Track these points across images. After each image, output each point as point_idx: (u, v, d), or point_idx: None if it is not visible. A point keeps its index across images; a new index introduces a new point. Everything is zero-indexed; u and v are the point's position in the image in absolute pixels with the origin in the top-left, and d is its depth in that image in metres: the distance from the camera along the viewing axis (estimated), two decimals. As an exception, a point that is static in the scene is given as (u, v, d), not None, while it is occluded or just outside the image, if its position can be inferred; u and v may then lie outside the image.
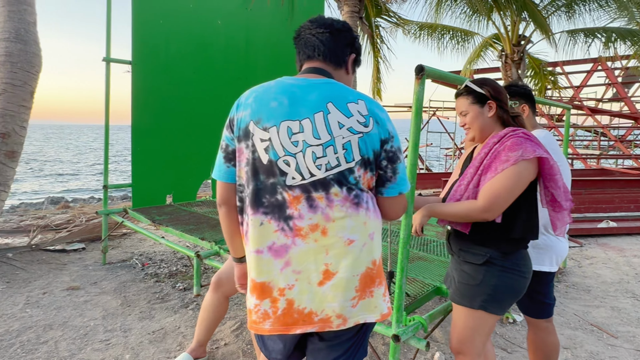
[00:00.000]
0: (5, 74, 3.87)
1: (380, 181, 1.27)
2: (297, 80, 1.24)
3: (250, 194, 1.22)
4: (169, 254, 4.60)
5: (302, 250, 1.19)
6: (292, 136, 1.18)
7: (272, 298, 1.20)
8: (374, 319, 1.24)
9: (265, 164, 1.19)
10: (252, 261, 1.23)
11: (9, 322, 2.94)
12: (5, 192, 3.95)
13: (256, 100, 1.22)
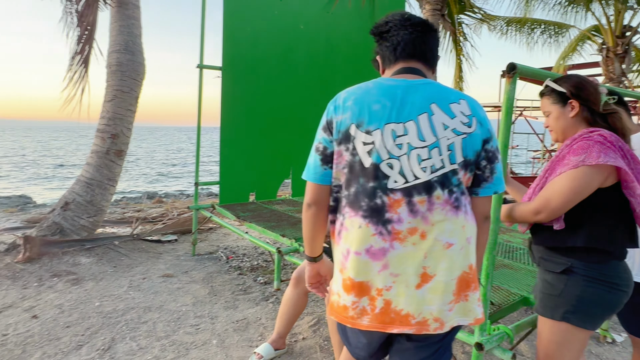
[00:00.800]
0: (115, 82, 4.36)
1: (477, 181, 1.25)
2: (397, 82, 1.23)
3: (350, 196, 1.23)
4: (250, 248, 4.85)
5: (400, 254, 1.19)
6: (397, 139, 1.17)
7: (370, 296, 1.22)
8: (468, 322, 1.23)
9: (367, 168, 1.19)
10: (350, 261, 1.23)
11: (115, 302, 3.31)
12: (113, 186, 4.45)
13: (357, 103, 1.21)
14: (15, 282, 3.56)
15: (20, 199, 12.47)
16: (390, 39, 1.30)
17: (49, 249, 3.92)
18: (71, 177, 28.82)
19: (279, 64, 4.57)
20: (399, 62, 1.29)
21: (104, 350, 2.65)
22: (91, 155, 4.39)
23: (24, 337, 2.78)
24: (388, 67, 1.32)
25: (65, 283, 3.58)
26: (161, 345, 2.72)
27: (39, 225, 4.24)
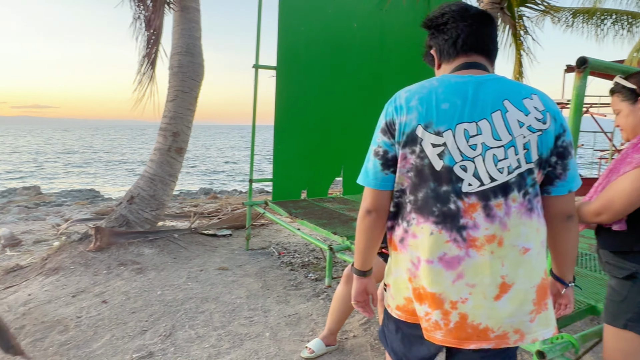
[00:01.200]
0: (177, 83, 4.60)
1: (548, 179, 1.17)
2: (464, 78, 1.16)
3: (417, 201, 1.16)
4: (301, 245, 4.92)
5: (477, 263, 1.12)
6: (470, 139, 1.11)
7: (443, 310, 1.14)
8: (550, 333, 1.16)
9: (439, 171, 1.12)
10: (423, 270, 1.16)
11: (175, 291, 3.49)
12: (173, 182, 4.69)
13: (422, 103, 1.14)
14: (88, 269, 3.85)
15: (89, 192, 13.46)
16: (449, 32, 1.22)
17: (117, 239, 4.20)
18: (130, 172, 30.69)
19: (332, 63, 4.60)
20: (459, 56, 1.22)
21: (166, 337, 2.81)
22: (154, 152, 4.66)
23: (95, 320, 3.01)
24: (446, 62, 1.25)
25: (131, 272, 3.83)
26: (217, 335, 2.84)
27: (107, 217, 4.56)
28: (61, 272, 3.80)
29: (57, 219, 7.80)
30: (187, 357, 2.58)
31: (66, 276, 3.73)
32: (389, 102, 1.21)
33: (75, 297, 3.37)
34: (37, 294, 3.45)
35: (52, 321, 3.00)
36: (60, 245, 4.34)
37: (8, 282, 3.84)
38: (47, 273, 3.82)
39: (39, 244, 5.57)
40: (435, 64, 1.31)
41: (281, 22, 4.24)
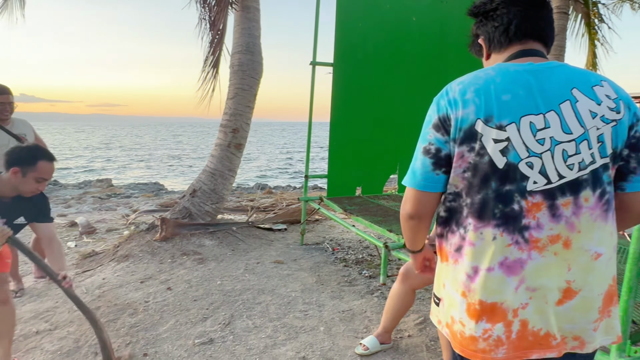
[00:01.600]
0: (237, 81, 4.75)
1: (621, 174, 1.08)
2: (523, 66, 1.07)
3: (475, 204, 1.07)
4: (355, 242, 4.92)
5: (539, 265, 1.04)
6: (537, 133, 1.02)
7: (506, 322, 1.05)
8: (610, 341, 1.09)
9: (502, 169, 1.03)
10: (480, 280, 1.07)
11: (234, 282, 3.63)
12: (232, 176, 4.86)
13: (479, 94, 1.05)
14: (154, 257, 4.10)
15: (155, 185, 14.30)
16: (499, 18, 1.13)
17: (180, 230, 4.43)
18: (190, 167, 32.15)
19: (390, 58, 4.53)
20: (513, 44, 1.13)
21: (225, 325, 2.92)
22: (215, 148, 4.85)
23: (161, 305, 3.20)
24: (497, 52, 1.16)
25: (193, 261, 4.03)
26: (274, 326, 2.91)
27: (172, 209, 4.82)
28: (131, 259, 4.07)
29: (126, 209, 8.37)
30: (245, 346, 2.67)
31: (135, 263, 4.00)
32: (439, 95, 1.12)
33: (143, 283, 3.60)
34: (110, 278, 3.73)
35: (123, 304, 3.23)
36: (129, 234, 4.65)
37: (85, 267, 4.18)
38: (118, 259, 4.11)
39: (111, 232, 6.00)
40: (483, 55, 1.23)
41: (338, 19, 4.23)
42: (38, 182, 2.21)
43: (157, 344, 2.72)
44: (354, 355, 2.58)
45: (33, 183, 2.19)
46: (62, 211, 8.45)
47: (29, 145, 2.23)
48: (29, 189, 2.19)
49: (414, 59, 4.60)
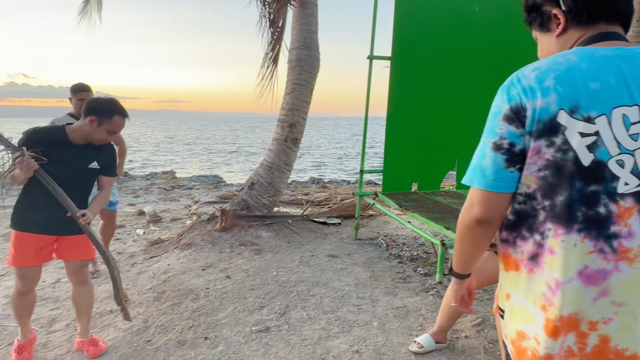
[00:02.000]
0: (294, 76, 4.83)
1: None
2: (609, 51, 0.96)
3: (555, 207, 0.97)
4: (410, 238, 4.84)
5: (629, 278, 0.94)
6: (630, 127, 0.91)
7: (578, 332, 0.97)
8: None
9: (587, 166, 0.93)
10: (562, 294, 0.98)
11: (289, 273, 3.71)
12: (289, 170, 4.96)
13: (562, 82, 0.94)
14: (214, 246, 4.30)
15: (214, 178, 14.92)
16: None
17: (239, 221, 4.60)
18: (247, 161, 33.10)
19: (450, 50, 4.38)
20: (600, 22, 1.01)
21: (280, 315, 3.01)
22: (272, 142, 4.97)
23: (220, 292, 3.35)
24: (580, 27, 1.03)
25: (250, 252, 4.17)
26: (327, 319, 2.95)
27: (231, 201, 5.02)
28: (193, 248, 4.29)
29: (188, 200, 8.81)
30: (300, 336, 2.74)
31: (197, 251, 4.21)
32: (509, 83, 1.01)
33: (204, 270, 3.79)
34: (174, 264, 3.96)
35: (186, 290, 3.42)
36: (192, 224, 4.91)
37: (152, 253, 4.47)
38: (182, 247, 4.35)
39: (175, 221, 6.36)
40: (551, 28, 1.08)
41: (397, 10, 4.16)
42: (109, 133, 2.39)
43: (217, 328, 2.85)
44: (407, 352, 2.56)
45: (104, 133, 2.38)
46: (132, 200, 9.05)
47: (108, 98, 2.45)
48: (99, 137, 2.38)
49: (477, 51, 4.42)
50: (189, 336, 2.76)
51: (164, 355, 2.57)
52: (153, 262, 4.16)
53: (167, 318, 3.00)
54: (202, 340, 2.72)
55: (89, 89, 3.75)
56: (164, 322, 2.95)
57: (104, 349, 2.63)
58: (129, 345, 2.72)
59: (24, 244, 2.40)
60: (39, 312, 3.28)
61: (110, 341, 2.78)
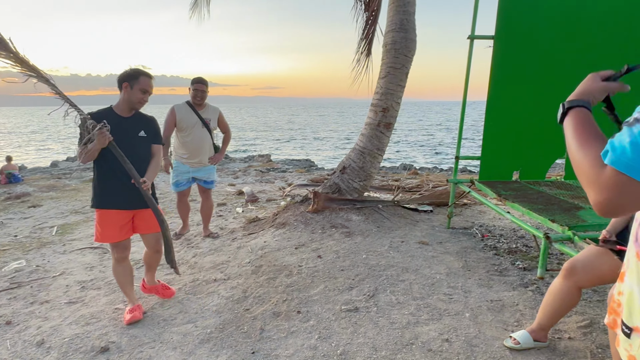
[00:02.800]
0: (389, 60, 4.75)
1: None
2: None
3: None
4: (508, 230, 4.56)
5: None
6: None
7: None
8: None
9: None
10: None
11: (378, 257, 3.74)
12: (381, 155, 4.94)
13: None
14: (307, 227, 4.48)
15: (306, 162, 15.40)
16: None
17: (330, 204, 4.73)
18: (337, 146, 33.47)
19: (561, 28, 3.96)
20: None
21: (369, 297, 3.06)
22: (365, 127, 4.98)
23: (312, 271, 3.50)
24: None
25: (341, 234, 4.27)
26: (417, 305, 2.93)
27: (323, 184, 5.16)
28: (287, 227, 4.52)
29: (282, 182, 9.24)
30: (388, 319, 2.76)
31: (290, 231, 4.43)
32: None
33: (297, 249, 3.98)
34: (270, 242, 4.21)
35: (281, 266, 3.63)
36: (286, 205, 5.15)
37: (250, 230, 4.80)
38: (277, 226, 4.60)
39: (270, 202, 6.73)
40: None
41: (504, -14, 3.86)
42: (142, 92, 2.79)
43: (309, 304, 3.00)
44: (501, 347, 2.45)
45: (139, 93, 2.78)
46: (232, 181, 9.75)
47: (132, 67, 2.88)
48: (136, 98, 2.78)
49: (595, 26, 3.94)
50: (283, 308, 2.94)
51: (261, 324, 2.78)
52: (251, 238, 4.47)
53: (263, 290, 3.23)
54: (295, 313, 2.88)
55: (201, 80, 4.25)
56: (261, 294, 3.18)
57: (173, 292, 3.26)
58: (230, 311, 2.98)
59: (108, 221, 2.83)
60: (157, 275, 3.74)
61: (214, 307, 3.07)
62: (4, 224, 5.96)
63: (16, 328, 2.93)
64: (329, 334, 2.63)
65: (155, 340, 2.69)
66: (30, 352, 2.62)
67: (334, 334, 2.63)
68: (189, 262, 4.01)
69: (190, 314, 3.01)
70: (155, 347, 2.62)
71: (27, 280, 3.83)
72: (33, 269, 4.13)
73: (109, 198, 2.83)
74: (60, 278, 3.82)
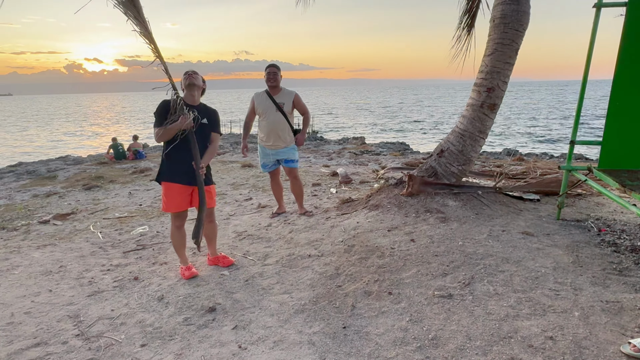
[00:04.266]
0: (497, 35, 4.40)
1: None
2: None
3: None
4: (632, 225, 4.02)
5: None
6: None
7: None
8: None
9: None
10: None
11: (476, 245, 3.57)
12: (483, 139, 4.65)
13: None
14: (400, 210, 4.42)
15: (401, 145, 15.10)
16: None
17: (425, 188, 4.60)
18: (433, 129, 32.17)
19: None
20: None
21: (464, 285, 2.94)
22: (466, 108, 4.71)
23: (405, 254, 3.47)
24: None
25: (435, 219, 4.15)
26: (517, 298, 2.76)
27: (419, 168, 5.03)
28: (380, 209, 4.51)
29: (375, 165, 9.20)
30: (484, 309, 2.64)
31: (383, 213, 4.41)
32: None
33: (389, 231, 3.96)
34: (362, 223, 4.25)
35: (373, 247, 3.65)
36: (379, 187, 5.13)
37: (343, 210, 4.88)
38: (369, 208, 4.62)
39: (363, 184, 6.76)
40: None
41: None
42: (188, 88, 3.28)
43: (400, 287, 2.99)
44: (617, 353, 2.20)
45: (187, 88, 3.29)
46: (326, 162, 9.96)
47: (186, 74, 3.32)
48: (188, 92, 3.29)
49: None
50: (375, 288, 2.97)
51: (352, 301, 2.85)
52: (344, 218, 4.55)
53: (355, 269, 3.29)
54: (386, 294, 2.90)
55: (274, 65, 4.59)
56: (353, 272, 3.24)
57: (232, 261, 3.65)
58: (323, 286, 3.10)
59: (172, 193, 3.27)
60: (256, 248, 4.01)
61: (308, 280, 3.22)
62: (132, 194, 6.84)
63: (142, 283, 3.38)
64: (421, 318, 2.61)
65: (255, 306, 2.91)
66: (153, 305, 3.01)
67: (426, 318, 2.60)
68: (286, 237, 4.22)
69: (286, 285, 3.19)
70: (255, 312, 2.83)
71: (149, 243, 4.37)
72: (154, 234, 4.70)
73: (173, 174, 3.27)
74: (176, 243, 4.29)
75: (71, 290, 3.32)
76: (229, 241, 4.28)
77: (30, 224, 5.33)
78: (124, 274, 3.59)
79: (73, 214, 5.71)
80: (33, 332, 2.74)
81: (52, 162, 11.86)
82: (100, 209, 5.93)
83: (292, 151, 4.71)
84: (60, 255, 4.10)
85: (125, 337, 2.63)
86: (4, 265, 3.90)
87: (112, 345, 2.55)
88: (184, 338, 2.60)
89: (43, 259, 4.01)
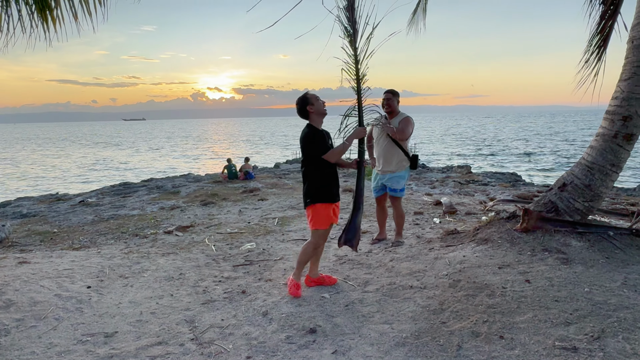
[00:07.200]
0: (636, 57, 3.91)
1: None
2: None
3: None
4: None
5: None
6: None
7: None
8: None
9: None
10: None
11: (606, 294, 3.12)
12: (616, 172, 4.11)
13: None
14: (513, 246, 4.07)
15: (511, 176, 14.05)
16: None
17: (543, 224, 4.19)
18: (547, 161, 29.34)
19: None
20: None
21: (593, 338, 2.58)
22: (596, 139, 4.22)
23: (519, 295, 3.17)
24: None
25: (555, 260, 3.73)
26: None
27: (535, 201, 4.60)
28: (489, 244, 4.21)
29: (482, 196, 8.66)
30: (620, 371, 2.27)
31: (493, 248, 4.10)
32: None
33: (500, 269, 3.66)
34: (469, 257, 4.00)
35: (481, 284, 3.40)
36: (489, 220, 4.80)
37: (448, 242, 4.66)
38: (477, 242, 4.34)
39: (469, 215, 6.40)
40: None
41: None
42: (315, 112, 3.48)
43: (514, 331, 2.72)
44: None
45: (313, 113, 3.48)
46: (429, 191, 9.67)
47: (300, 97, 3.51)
48: (314, 117, 3.49)
49: None
50: (484, 330, 2.75)
51: (458, 341, 2.67)
52: (449, 250, 4.33)
53: (461, 306, 3.09)
54: (497, 338, 2.66)
55: (391, 91, 4.69)
56: (459, 309, 3.04)
57: (336, 280, 3.82)
58: (426, 320, 2.96)
59: (326, 212, 3.51)
60: (357, 274, 4.00)
61: (410, 312, 3.10)
62: (242, 212, 7.35)
63: (248, 297, 3.58)
64: (539, 370, 2.33)
65: (355, 333, 2.88)
66: (258, 319, 3.16)
67: (545, 372, 2.32)
68: (387, 265, 4.15)
69: (387, 315, 3.11)
70: (355, 339, 2.80)
71: (256, 259, 4.62)
72: (260, 251, 4.96)
73: (328, 195, 3.50)
74: (280, 262, 4.48)
75: (188, 297, 3.64)
76: (330, 264, 4.34)
77: (157, 233, 6.02)
78: (233, 286, 3.84)
79: (192, 227, 6.31)
80: (157, 331, 3.04)
81: (177, 179, 13.34)
82: (214, 224, 6.47)
83: (398, 179, 4.69)
84: (181, 264, 4.54)
85: (232, 347, 2.78)
86: (136, 268, 4.43)
87: (221, 354, 2.71)
88: (285, 356, 2.67)
89: (167, 266, 4.48)
